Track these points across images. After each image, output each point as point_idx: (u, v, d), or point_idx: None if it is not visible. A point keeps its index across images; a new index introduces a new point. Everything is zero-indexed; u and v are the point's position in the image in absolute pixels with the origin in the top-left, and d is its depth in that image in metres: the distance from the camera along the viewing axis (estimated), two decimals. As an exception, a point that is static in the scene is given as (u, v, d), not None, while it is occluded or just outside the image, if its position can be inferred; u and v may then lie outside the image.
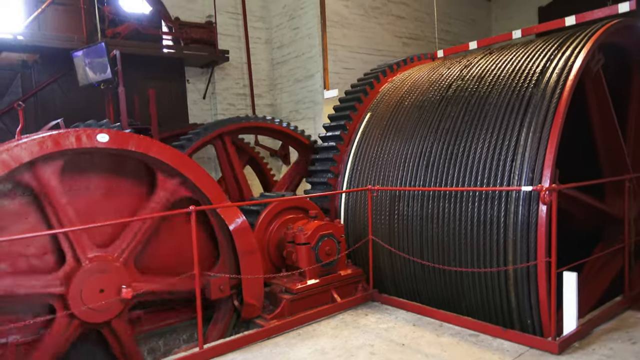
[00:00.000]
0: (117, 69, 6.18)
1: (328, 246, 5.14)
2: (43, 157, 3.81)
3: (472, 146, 4.72)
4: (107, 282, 4.02)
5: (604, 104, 4.89)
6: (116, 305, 4.05)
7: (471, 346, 3.97)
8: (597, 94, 4.84)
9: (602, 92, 4.81)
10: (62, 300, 3.88)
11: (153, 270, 4.44)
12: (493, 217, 4.33)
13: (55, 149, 3.87)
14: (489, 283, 4.38)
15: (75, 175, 4.11)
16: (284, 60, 9.84)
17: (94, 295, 3.95)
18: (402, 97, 6.00)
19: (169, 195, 4.42)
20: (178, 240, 4.60)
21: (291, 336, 4.43)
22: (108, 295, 4.00)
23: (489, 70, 5.18)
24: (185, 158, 4.59)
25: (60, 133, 3.93)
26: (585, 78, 4.69)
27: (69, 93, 7.62)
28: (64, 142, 3.91)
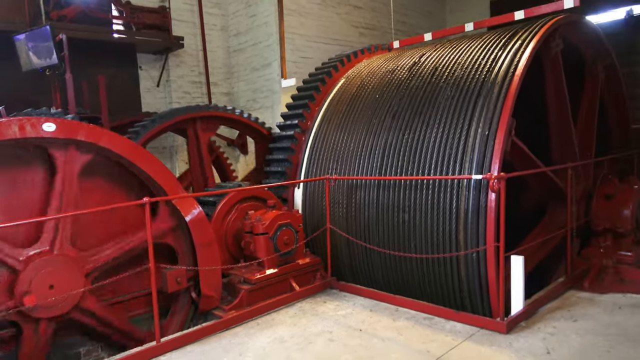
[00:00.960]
0: (64, 54, 5.87)
1: (286, 236, 5.15)
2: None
3: (426, 136, 4.84)
4: (52, 276, 3.86)
5: (559, 86, 5.15)
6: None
7: (425, 329, 4.11)
8: (554, 75, 5.08)
9: (559, 74, 5.05)
10: (19, 312, 3.71)
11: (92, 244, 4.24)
12: (446, 205, 4.48)
13: (0, 137, 3.67)
14: (442, 268, 4.54)
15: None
16: (240, 48, 9.68)
17: (46, 293, 3.80)
18: (359, 87, 6.05)
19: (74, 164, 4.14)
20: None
21: (250, 326, 4.43)
22: (61, 286, 3.86)
23: (443, 62, 5.31)
24: (138, 148, 4.47)
25: (2, 121, 3.73)
26: (546, 61, 4.98)
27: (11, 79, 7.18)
28: (6, 131, 3.71)
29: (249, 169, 9.70)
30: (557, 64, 5.24)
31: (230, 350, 3.92)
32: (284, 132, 6.37)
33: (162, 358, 3.85)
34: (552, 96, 5.28)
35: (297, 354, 3.77)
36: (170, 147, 9.39)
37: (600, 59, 6.05)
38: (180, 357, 3.86)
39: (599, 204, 5.35)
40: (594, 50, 5.96)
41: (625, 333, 3.79)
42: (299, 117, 6.29)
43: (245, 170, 9.61)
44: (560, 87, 5.24)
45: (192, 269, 4.62)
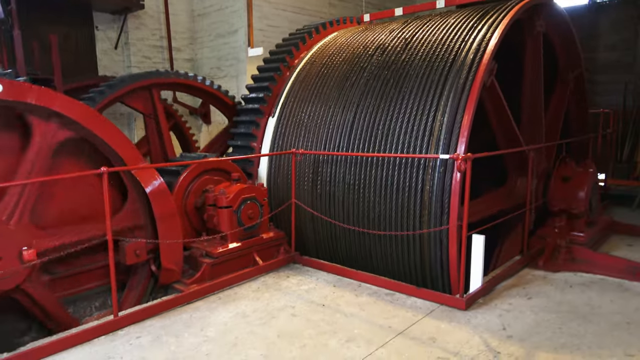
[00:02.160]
0: (11, 9, 5.40)
1: (251, 209, 5.06)
2: None
3: (394, 114, 4.81)
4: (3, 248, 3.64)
5: (536, 66, 5.26)
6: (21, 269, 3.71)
7: (387, 304, 4.17)
8: (533, 54, 5.24)
9: (538, 53, 5.20)
10: None
11: (53, 224, 4.06)
12: (412, 183, 4.50)
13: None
14: (405, 245, 4.59)
15: None
16: (205, 13, 9.26)
17: (-8, 263, 3.58)
18: (328, 61, 5.92)
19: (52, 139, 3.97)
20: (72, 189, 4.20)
21: (211, 300, 4.37)
22: (8, 261, 3.64)
23: (413, 39, 5.25)
24: (95, 114, 4.21)
25: (-59, 80, 3.41)
26: (527, 38, 5.12)
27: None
28: (-54, 91, 3.40)
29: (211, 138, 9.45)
30: (537, 43, 5.33)
31: (192, 325, 3.85)
32: (249, 104, 6.18)
33: (120, 332, 3.74)
34: (528, 74, 5.38)
35: (259, 329, 3.74)
36: (128, 114, 8.98)
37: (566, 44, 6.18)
38: (139, 331, 3.75)
39: (556, 185, 5.53)
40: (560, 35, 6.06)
41: (576, 310, 3.98)
42: (264, 90, 6.11)
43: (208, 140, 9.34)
44: (537, 67, 5.34)
45: (152, 242, 4.47)
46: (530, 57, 5.47)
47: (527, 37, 5.45)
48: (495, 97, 4.80)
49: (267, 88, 6.06)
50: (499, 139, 5.18)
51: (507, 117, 4.95)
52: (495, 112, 4.96)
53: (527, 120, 5.53)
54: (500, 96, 4.78)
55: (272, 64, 6.31)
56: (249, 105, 6.17)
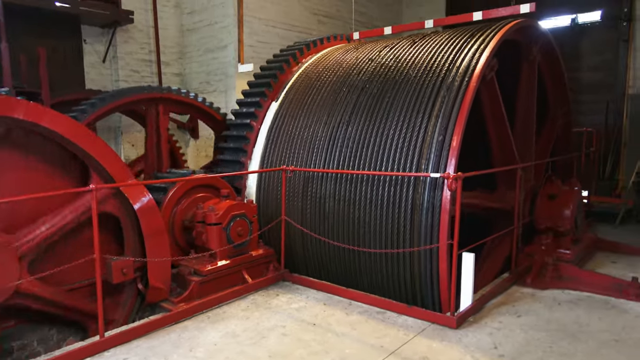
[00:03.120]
0: (0, 21, 5.34)
1: (240, 227, 5.02)
2: None
3: (384, 131, 4.84)
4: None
5: (530, 87, 5.38)
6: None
7: (378, 323, 4.15)
8: (528, 75, 5.35)
9: (533, 76, 5.30)
10: None
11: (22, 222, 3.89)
12: (402, 201, 4.51)
13: None
14: (395, 263, 4.59)
15: None
16: (195, 28, 9.28)
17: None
18: (318, 77, 5.96)
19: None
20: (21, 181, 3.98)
21: (200, 319, 4.30)
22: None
23: (404, 58, 5.32)
24: (84, 130, 4.16)
25: None
26: (524, 62, 5.24)
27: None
28: None
29: (199, 153, 9.41)
30: (533, 69, 5.44)
31: (180, 346, 3.77)
32: (239, 120, 6.17)
33: (106, 354, 3.65)
34: (521, 96, 5.47)
35: (250, 349, 3.69)
36: (115, 128, 8.90)
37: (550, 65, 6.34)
38: (126, 353, 3.67)
39: (542, 203, 5.61)
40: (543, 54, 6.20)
41: (565, 329, 4.01)
42: (255, 105, 6.11)
43: (196, 155, 9.31)
44: (532, 91, 5.44)
45: (139, 260, 4.39)
46: (525, 81, 5.56)
47: (523, 62, 5.56)
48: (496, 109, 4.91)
49: (258, 103, 6.07)
50: (494, 150, 5.26)
51: (506, 132, 5.05)
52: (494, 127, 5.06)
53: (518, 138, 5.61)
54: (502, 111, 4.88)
55: (263, 80, 6.32)
56: (239, 120, 6.16)
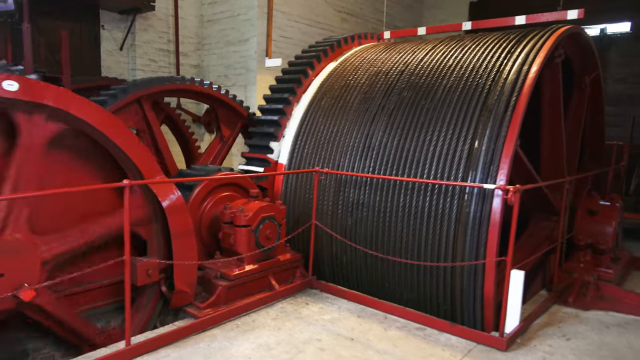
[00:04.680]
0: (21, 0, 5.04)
1: (269, 229, 4.75)
2: None
3: (426, 137, 4.59)
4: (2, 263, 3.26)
5: (556, 98, 5.07)
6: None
7: (420, 341, 3.89)
8: (552, 87, 5.03)
9: (557, 85, 5.00)
10: None
11: (52, 228, 3.63)
12: (445, 212, 4.26)
13: (-56, 94, 3.00)
14: (435, 276, 4.34)
15: None
16: (215, 19, 8.98)
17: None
18: (351, 77, 5.70)
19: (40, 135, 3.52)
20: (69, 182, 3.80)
21: (229, 328, 4.03)
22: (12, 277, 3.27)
23: (444, 61, 5.07)
24: (115, 120, 3.88)
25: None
26: (545, 70, 4.81)
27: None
28: (-42, 86, 3.05)
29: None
30: (556, 74, 5.17)
31: (211, 357, 3.51)
32: (267, 116, 5.90)
33: (132, 364, 3.38)
34: (547, 108, 5.20)
35: (287, 365, 3.43)
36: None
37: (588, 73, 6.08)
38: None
39: (582, 219, 5.37)
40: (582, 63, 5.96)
41: (618, 355, 3.77)
42: (284, 102, 5.84)
43: (210, 150, 9.00)
44: (557, 99, 5.18)
45: (167, 262, 4.11)
46: (548, 88, 5.29)
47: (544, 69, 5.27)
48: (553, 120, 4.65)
49: (287, 100, 5.80)
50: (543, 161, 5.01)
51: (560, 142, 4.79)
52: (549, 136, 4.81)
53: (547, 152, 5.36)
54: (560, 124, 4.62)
55: (292, 75, 6.04)
56: (267, 117, 5.89)
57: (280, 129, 5.75)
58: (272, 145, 5.71)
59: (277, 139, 5.74)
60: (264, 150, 5.78)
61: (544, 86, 4.97)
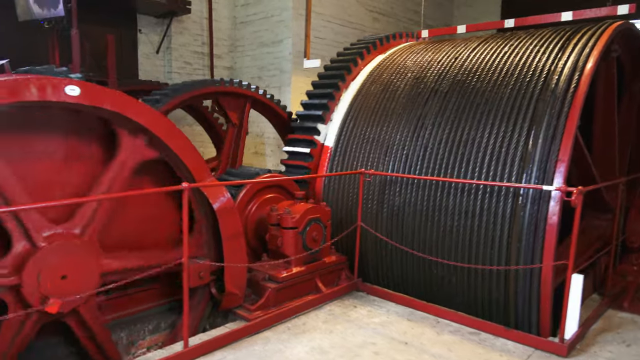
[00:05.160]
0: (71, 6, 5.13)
1: (315, 231, 4.73)
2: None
3: (476, 137, 4.50)
4: (70, 265, 3.31)
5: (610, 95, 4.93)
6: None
7: (475, 346, 3.82)
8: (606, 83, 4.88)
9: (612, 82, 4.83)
10: (15, 292, 3.13)
11: (117, 245, 3.73)
12: (498, 214, 4.17)
13: (11, 99, 3.05)
14: (487, 279, 4.25)
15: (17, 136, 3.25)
16: (248, 21, 9.02)
17: (56, 283, 3.25)
18: (393, 77, 5.63)
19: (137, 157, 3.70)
20: (142, 209, 3.92)
21: (281, 330, 4.02)
22: (73, 281, 3.32)
23: (490, 60, 4.96)
24: (168, 123, 3.91)
25: (18, 80, 3.11)
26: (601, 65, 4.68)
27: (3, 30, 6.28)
28: (24, 92, 3.10)
29: (247, 150, 9.16)
30: (612, 69, 5.03)
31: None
32: (315, 100, 5.88)
33: (191, 366, 3.39)
34: (601, 104, 5.06)
35: (344, 369, 3.40)
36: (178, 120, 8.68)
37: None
38: (212, 365, 3.41)
39: (636, 220, 5.21)
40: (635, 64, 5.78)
41: (684, 362, 3.64)
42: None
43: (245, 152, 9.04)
44: (611, 95, 5.04)
45: (217, 264, 4.13)
46: (602, 84, 5.17)
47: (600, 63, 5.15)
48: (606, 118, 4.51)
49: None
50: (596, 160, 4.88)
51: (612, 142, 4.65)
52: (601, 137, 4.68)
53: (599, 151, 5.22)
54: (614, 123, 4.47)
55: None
56: (314, 101, 5.88)
57: (329, 113, 5.73)
58: (320, 127, 5.69)
59: (325, 122, 5.71)
60: (311, 132, 5.75)
61: (598, 81, 4.83)
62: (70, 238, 3.31)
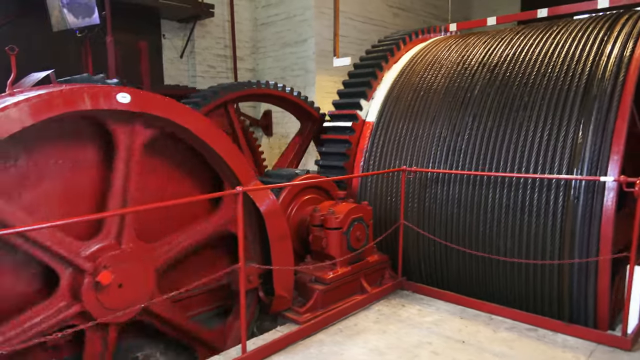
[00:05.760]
0: (105, 14, 5.12)
1: (359, 231, 4.68)
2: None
3: (522, 130, 4.41)
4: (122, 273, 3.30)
5: None
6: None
7: (536, 342, 3.74)
8: None
9: None
10: (82, 317, 3.14)
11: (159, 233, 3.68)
12: (549, 207, 4.09)
13: (68, 109, 3.04)
14: (539, 274, 4.17)
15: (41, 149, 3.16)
16: (270, 22, 8.99)
17: (116, 294, 3.24)
18: (427, 72, 5.55)
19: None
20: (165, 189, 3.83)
21: (333, 332, 3.98)
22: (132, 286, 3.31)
23: (529, 51, 4.87)
24: (211, 125, 3.88)
25: (73, 89, 3.10)
26: None
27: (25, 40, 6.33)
28: (79, 101, 3.09)
29: (272, 151, 9.14)
30: None
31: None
32: (357, 79, 5.86)
33: (251, 371, 3.36)
34: None
35: (405, 370, 3.35)
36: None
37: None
38: (272, 370, 3.38)
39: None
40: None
41: None
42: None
43: (269, 153, 9.03)
44: None
45: (266, 267, 4.09)
46: None
47: None
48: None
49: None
50: None
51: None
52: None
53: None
54: None
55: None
56: (355, 80, 5.89)
57: (371, 90, 5.70)
58: (362, 103, 5.67)
59: (367, 99, 5.68)
60: (354, 107, 5.72)
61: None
62: (110, 249, 3.25)
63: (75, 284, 3.14)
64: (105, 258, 3.18)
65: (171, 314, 3.67)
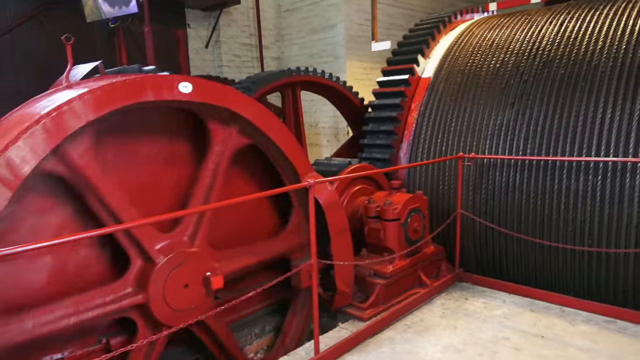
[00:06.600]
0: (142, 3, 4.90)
1: (416, 222, 4.49)
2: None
3: (588, 112, 4.18)
4: (190, 273, 3.13)
5: None
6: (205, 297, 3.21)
7: (618, 335, 3.55)
8: None
9: None
10: (141, 310, 2.97)
11: (225, 244, 3.55)
12: (623, 192, 3.87)
13: (132, 100, 2.86)
14: (612, 264, 3.97)
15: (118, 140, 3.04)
16: (294, 8, 8.71)
17: (180, 293, 3.07)
18: (474, 55, 5.31)
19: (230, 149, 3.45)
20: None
21: (401, 329, 3.81)
22: (195, 289, 3.14)
23: (593, 27, 4.61)
24: (271, 116, 3.68)
25: (136, 79, 2.91)
26: None
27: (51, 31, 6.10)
28: (142, 92, 2.90)
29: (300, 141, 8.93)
30: None
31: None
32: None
33: (327, 373, 3.20)
34: None
35: (489, 368, 3.17)
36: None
37: None
38: (348, 371, 3.21)
39: None
40: None
41: None
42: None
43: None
44: None
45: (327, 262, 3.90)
46: None
47: None
48: None
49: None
50: None
51: None
52: None
53: None
54: None
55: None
56: (412, 40, 5.74)
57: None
58: (419, 59, 5.52)
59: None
60: (410, 61, 5.54)
61: None
62: (182, 246, 3.10)
63: (144, 273, 2.98)
64: (177, 254, 3.02)
65: (218, 327, 3.46)
